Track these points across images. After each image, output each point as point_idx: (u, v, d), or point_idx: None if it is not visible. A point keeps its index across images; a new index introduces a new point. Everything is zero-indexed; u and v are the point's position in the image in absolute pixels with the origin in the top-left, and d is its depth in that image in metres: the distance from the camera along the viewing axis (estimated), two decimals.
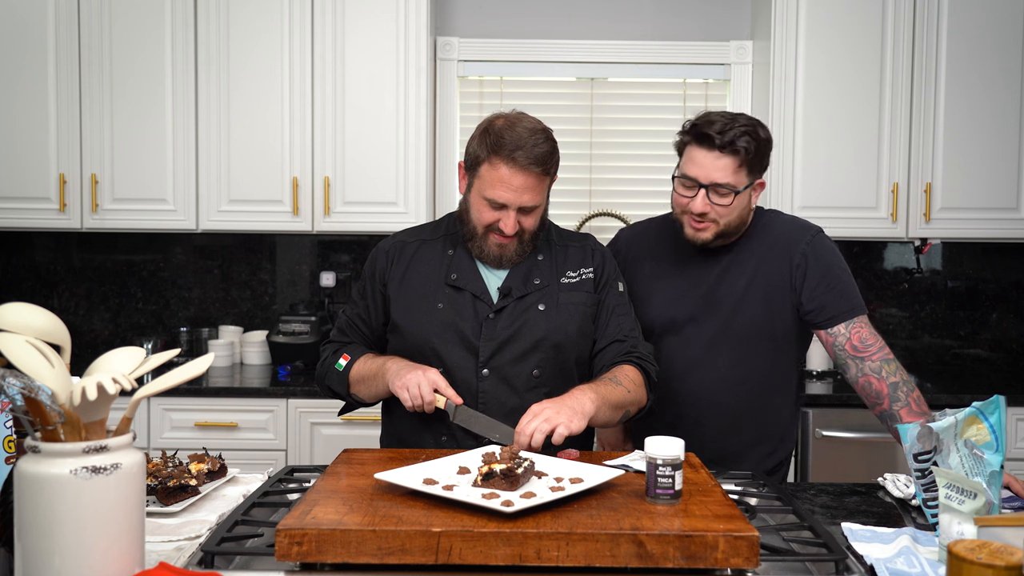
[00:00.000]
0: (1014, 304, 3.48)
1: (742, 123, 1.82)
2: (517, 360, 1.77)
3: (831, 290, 1.90)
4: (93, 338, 3.48)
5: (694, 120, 1.87)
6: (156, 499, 1.48)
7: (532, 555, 1.14)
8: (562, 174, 1.94)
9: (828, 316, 1.90)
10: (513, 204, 1.73)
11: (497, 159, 1.71)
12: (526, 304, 1.79)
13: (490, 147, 1.72)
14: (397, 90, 3.11)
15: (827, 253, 1.94)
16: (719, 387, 1.93)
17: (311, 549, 1.15)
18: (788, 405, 2.02)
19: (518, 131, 1.72)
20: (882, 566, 1.23)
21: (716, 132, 1.80)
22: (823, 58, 3.09)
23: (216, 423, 2.90)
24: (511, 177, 1.71)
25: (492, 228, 1.76)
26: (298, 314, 3.30)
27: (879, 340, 1.88)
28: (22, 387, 1.05)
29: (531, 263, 1.84)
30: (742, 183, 1.83)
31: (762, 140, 1.84)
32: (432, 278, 1.83)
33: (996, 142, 3.08)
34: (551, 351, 1.78)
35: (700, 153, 1.83)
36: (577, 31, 3.44)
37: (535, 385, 1.77)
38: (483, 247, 1.79)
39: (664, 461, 1.28)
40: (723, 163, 1.81)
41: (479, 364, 1.76)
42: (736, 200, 1.84)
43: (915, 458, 1.49)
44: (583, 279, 1.85)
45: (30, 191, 3.11)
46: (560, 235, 1.92)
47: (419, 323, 1.80)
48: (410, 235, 1.92)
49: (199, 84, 3.10)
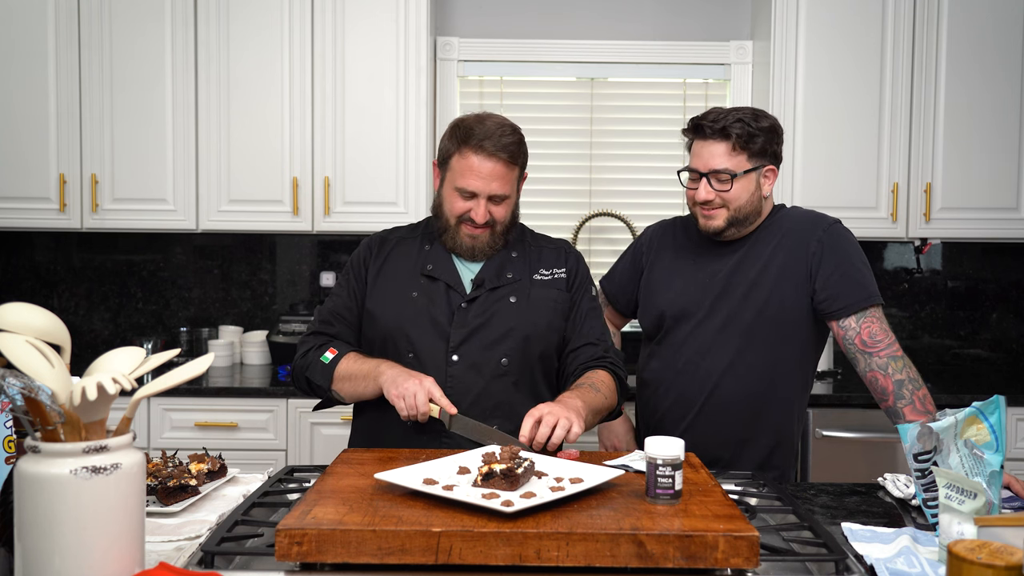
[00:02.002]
0: (1014, 304, 3.48)
1: (738, 112, 1.90)
2: (486, 348, 1.82)
3: (845, 278, 1.90)
4: (93, 338, 3.48)
5: (693, 117, 1.97)
6: (156, 499, 1.48)
7: (532, 555, 1.14)
8: (562, 174, 1.97)
9: (841, 305, 1.90)
10: (483, 192, 1.81)
11: (467, 149, 1.80)
12: (498, 296, 1.86)
13: (460, 139, 1.82)
14: (397, 90, 3.11)
15: (844, 242, 1.95)
16: (728, 373, 1.94)
17: (311, 549, 1.15)
18: (792, 399, 2.00)
19: (487, 125, 1.82)
20: (882, 566, 1.23)
21: (709, 122, 1.91)
22: (823, 58, 3.09)
23: (216, 423, 2.90)
24: (480, 165, 1.80)
25: (464, 219, 1.84)
26: (298, 314, 3.30)
27: (889, 336, 1.88)
28: (22, 387, 1.05)
29: (505, 258, 1.91)
30: (740, 167, 1.90)
31: (759, 126, 1.90)
32: (408, 270, 1.90)
33: (996, 142, 3.08)
34: (520, 342, 1.84)
35: (698, 145, 1.94)
36: (577, 31, 3.44)
37: (502, 373, 1.83)
38: (456, 239, 1.87)
39: (664, 461, 1.28)
40: (717, 149, 1.90)
41: (449, 350, 1.82)
42: (737, 185, 1.90)
43: (915, 458, 1.49)
44: (555, 278, 1.93)
45: (30, 191, 3.11)
46: (535, 237, 2.01)
47: (393, 310, 1.86)
48: (391, 233, 2.01)
49: (199, 84, 3.10)
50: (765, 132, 1.91)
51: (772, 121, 1.94)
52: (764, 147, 1.91)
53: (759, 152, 1.90)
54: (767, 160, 1.93)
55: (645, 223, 2.28)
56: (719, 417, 1.95)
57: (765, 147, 1.91)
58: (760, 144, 1.90)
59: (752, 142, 1.89)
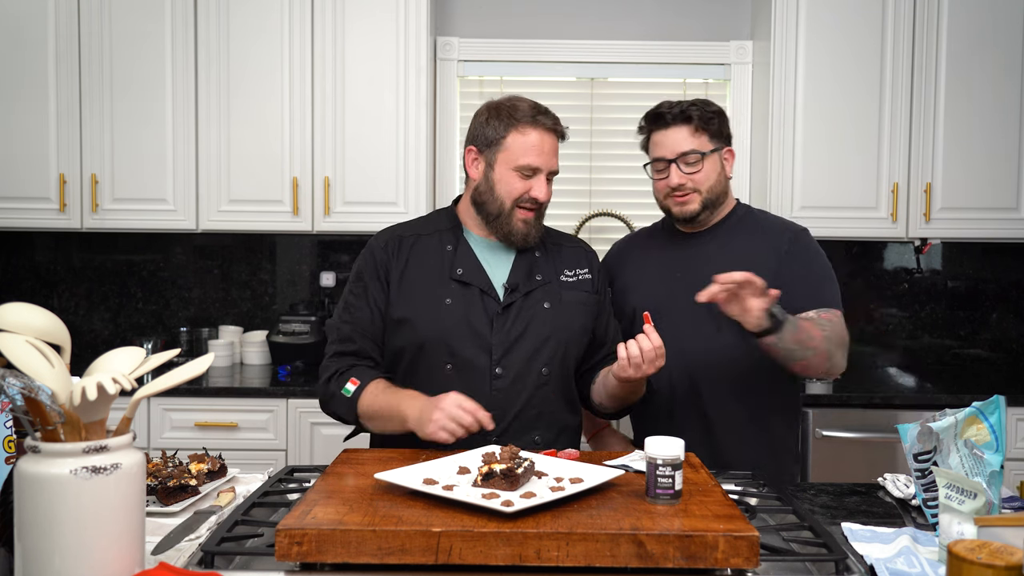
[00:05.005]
0: (1014, 304, 3.48)
1: (688, 101, 1.99)
2: (528, 358, 1.78)
3: (806, 281, 1.93)
4: (93, 338, 3.48)
5: (644, 114, 2.04)
6: (156, 499, 1.48)
7: (532, 555, 1.14)
8: (562, 174, 1.97)
9: (795, 306, 1.85)
10: (546, 168, 1.81)
11: (525, 126, 1.79)
12: (532, 300, 1.81)
13: (512, 118, 1.79)
14: (397, 90, 3.11)
15: (814, 247, 2.00)
16: (705, 363, 1.94)
17: (311, 549, 1.15)
18: (774, 392, 1.98)
19: (527, 103, 1.82)
20: (882, 566, 1.23)
21: (666, 110, 1.97)
22: (823, 58, 3.09)
23: (216, 423, 2.90)
24: (541, 140, 1.79)
25: (520, 202, 1.80)
26: (298, 314, 3.30)
27: (836, 324, 1.88)
28: (22, 387, 1.05)
29: (531, 259, 1.86)
30: (706, 147, 1.95)
31: (712, 110, 1.98)
32: (435, 273, 1.81)
33: (996, 142, 3.08)
34: (558, 349, 1.80)
35: (658, 135, 1.99)
36: (577, 31, 3.44)
37: (544, 383, 1.79)
38: (510, 224, 1.81)
39: (664, 461, 1.28)
40: (680, 134, 1.95)
41: (492, 362, 1.76)
42: (706, 165, 1.95)
43: (915, 458, 1.49)
44: (580, 279, 1.89)
45: (30, 191, 3.11)
46: (549, 233, 1.95)
47: (428, 318, 1.76)
48: (404, 230, 1.89)
49: (199, 84, 3.10)
50: (718, 115, 1.99)
51: (720, 107, 2.02)
52: (720, 129, 1.99)
53: (717, 133, 1.98)
54: (724, 142, 2.00)
55: (645, 223, 2.27)
56: (703, 408, 1.94)
57: (721, 129, 1.99)
58: (717, 126, 1.97)
59: (710, 124, 1.96)
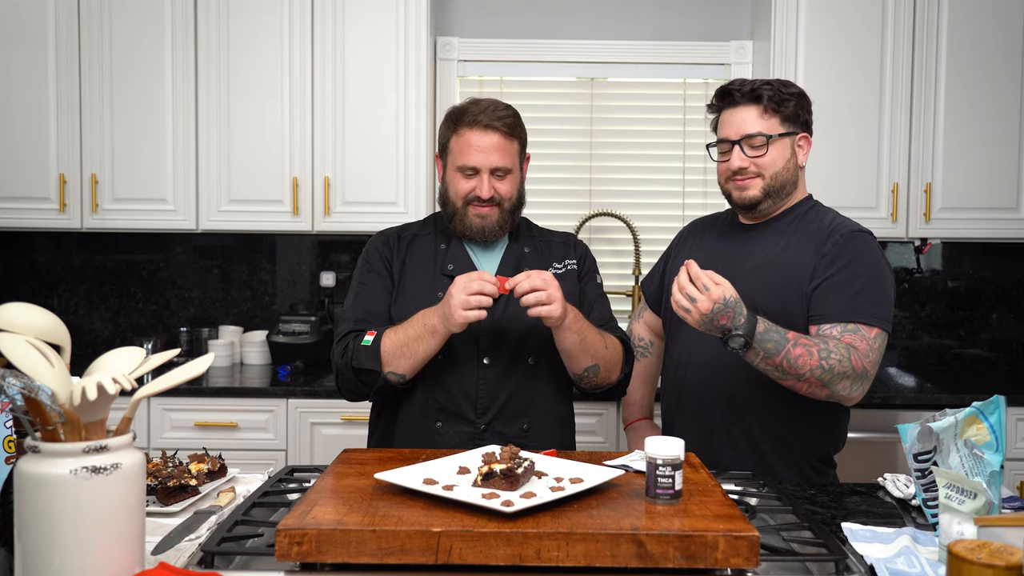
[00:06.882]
0: (1014, 304, 3.48)
1: (764, 79, 1.87)
2: (515, 348, 1.84)
3: (841, 290, 1.76)
4: (93, 338, 3.48)
5: (716, 90, 1.93)
6: (156, 499, 1.48)
7: (532, 555, 1.14)
8: (562, 174, 1.98)
9: (821, 313, 1.75)
10: (484, 166, 1.82)
11: (462, 128, 1.83)
12: None
13: (455, 121, 1.85)
14: (397, 90, 3.11)
15: (865, 253, 1.79)
16: (735, 358, 1.77)
17: (311, 549, 1.15)
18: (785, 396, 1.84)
19: (480, 104, 1.86)
20: (882, 566, 1.23)
21: (736, 87, 1.87)
22: (823, 58, 3.09)
23: (216, 423, 2.90)
24: (478, 139, 1.81)
25: (470, 200, 1.84)
26: (298, 314, 3.30)
27: (854, 351, 1.72)
28: (22, 387, 1.05)
29: (519, 254, 1.92)
30: (774, 130, 1.84)
31: (789, 91, 1.86)
32: (428, 270, 1.90)
33: (996, 142, 3.08)
34: (545, 339, 1.83)
35: (727, 114, 1.88)
36: (577, 31, 3.44)
37: (530, 373, 1.84)
38: (465, 221, 1.86)
39: (664, 461, 1.28)
40: (748, 114, 1.84)
41: (480, 352, 1.83)
42: (772, 150, 1.84)
43: (915, 458, 1.49)
44: (568, 270, 1.95)
45: (30, 191, 3.11)
46: (541, 232, 2.02)
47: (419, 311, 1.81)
48: (402, 230, 1.99)
49: (199, 84, 3.10)
50: (796, 97, 1.86)
51: (800, 89, 1.89)
52: (796, 112, 1.85)
53: (791, 117, 1.85)
54: (799, 127, 1.87)
55: (645, 223, 2.28)
56: (721, 403, 1.87)
57: (797, 112, 1.86)
58: (792, 108, 1.84)
59: (784, 105, 1.84)
